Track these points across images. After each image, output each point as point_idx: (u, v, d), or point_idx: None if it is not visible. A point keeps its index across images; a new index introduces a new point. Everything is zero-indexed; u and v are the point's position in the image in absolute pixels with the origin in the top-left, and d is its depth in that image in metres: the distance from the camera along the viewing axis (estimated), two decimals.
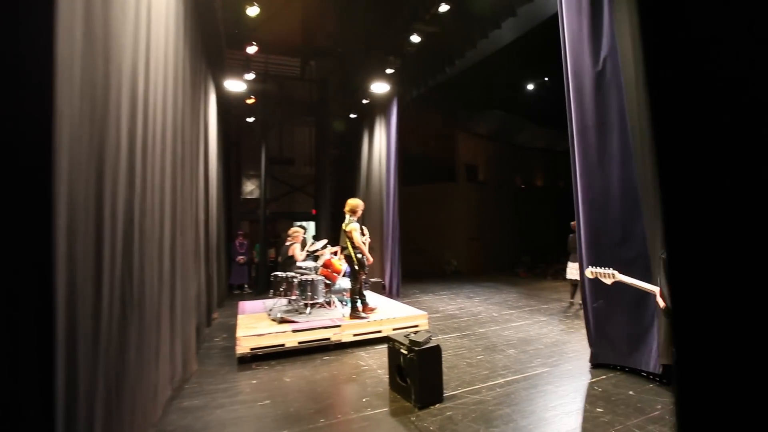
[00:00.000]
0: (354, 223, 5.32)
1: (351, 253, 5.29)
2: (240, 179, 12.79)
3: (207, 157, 6.23)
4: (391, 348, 3.69)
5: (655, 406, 3.23)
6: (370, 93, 8.93)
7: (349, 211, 5.39)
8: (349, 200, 5.49)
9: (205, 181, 6.13)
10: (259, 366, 4.41)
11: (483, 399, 3.45)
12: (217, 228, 7.94)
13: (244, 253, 9.89)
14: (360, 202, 5.47)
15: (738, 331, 0.74)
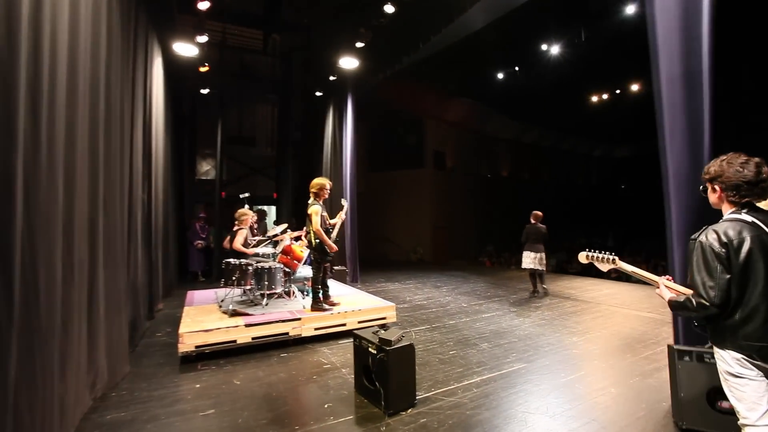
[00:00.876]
0: (316, 205, 4.77)
1: (311, 238, 4.79)
2: (194, 158, 11.76)
3: (149, 128, 5.45)
4: (357, 346, 3.27)
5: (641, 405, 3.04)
6: (338, 69, 8.30)
7: (313, 192, 4.85)
8: (314, 180, 4.94)
9: (147, 155, 5.36)
10: (206, 366, 3.85)
11: (459, 401, 3.12)
12: (164, 209, 7.14)
13: (205, 237, 9.08)
14: (326, 182, 4.92)
15: None
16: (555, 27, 10.87)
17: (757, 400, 1.68)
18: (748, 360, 1.71)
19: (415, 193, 14.24)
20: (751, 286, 1.71)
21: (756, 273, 1.70)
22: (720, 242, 1.75)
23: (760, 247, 1.70)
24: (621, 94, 14.82)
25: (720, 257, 1.73)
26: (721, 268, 1.73)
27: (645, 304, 6.42)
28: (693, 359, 2.70)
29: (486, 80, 13.56)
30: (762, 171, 1.78)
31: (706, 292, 1.73)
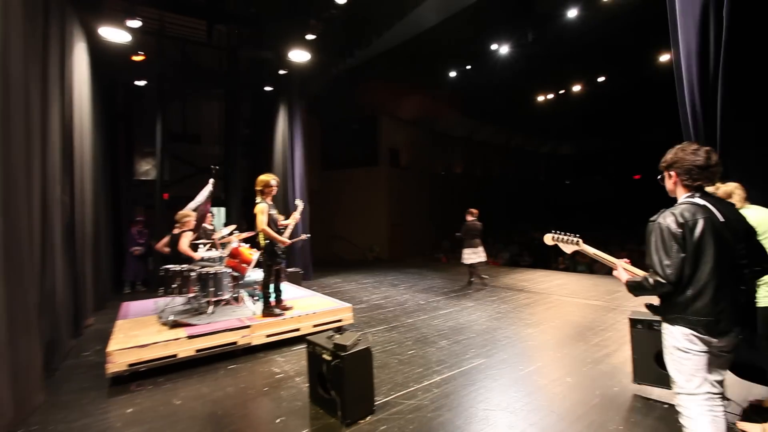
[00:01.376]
0: (262, 204, 4.42)
1: (260, 239, 4.47)
2: (132, 157, 10.82)
3: (69, 122, 4.84)
4: (311, 353, 3.06)
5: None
6: (289, 62, 7.95)
7: (258, 190, 4.50)
8: (259, 177, 4.59)
9: (68, 153, 4.76)
10: (141, 387, 3.45)
11: (420, 404, 3.01)
12: (94, 213, 6.44)
13: (143, 243, 8.30)
14: (272, 179, 4.57)
15: None
16: (504, 27, 11.16)
17: (695, 373, 1.83)
18: (695, 335, 1.82)
19: (370, 191, 14.10)
20: (702, 265, 1.80)
21: (706, 252, 1.80)
22: (677, 223, 1.84)
23: (711, 229, 1.81)
24: (565, 95, 15.57)
25: (676, 237, 1.82)
26: (677, 247, 1.82)
27: (592, 293, 6.72)
28: (644, 327, 3.13)
29: (439, 78, 13.69)
30: (711, 157, 1.89)
31: (663, 270, 1.82)
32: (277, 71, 8.85)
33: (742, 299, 1.85)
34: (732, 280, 1.82)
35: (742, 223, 1.89)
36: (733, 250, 1.82)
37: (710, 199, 1.91)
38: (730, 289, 1.81)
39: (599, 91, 14.35)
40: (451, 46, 12.06)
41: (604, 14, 9.64)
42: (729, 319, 1.79)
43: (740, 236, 1.85)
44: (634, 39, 11.39)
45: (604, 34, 11.03)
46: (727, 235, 1.82)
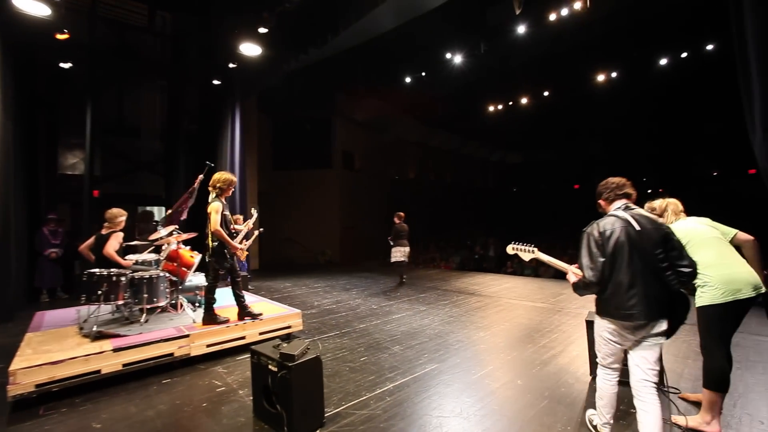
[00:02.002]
0: (216, 202, 4.03)
1: (209, 241, 4.09)
2: (55, 148, 9.71)
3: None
4: (256, 364, 2.83)
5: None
6: (239, 55, 7.55)
7: (213, 187, 4.14)
8: (218, 174, 4.22)
9: None
10: (52, 410, 3.00)
11: (372, 414, 2.88)
12: (3, 211, 5.67)
13: (59, 244, 7.41)
14: (229, 177, 4.22)
15: None
16: (458, 37, 11.46)
17: (609, 356, 2.38)
18: (615, 328, 2.25)
19: (322, 194, 13.82)
20: (618, 267, 2.18)
21: (621, 256, 2.17)
22: (598, 233, 2.24)
23: (626, 236, 2.18)
24: (513, 106, 16.30)
25: (597, 244, 2.23)
26: (598, 253, 2.22)
27: (539, 296, 6.99)
28: None
29: (395, 82, 13.77)
30: (622, 181, 2.40)
31: (587, 272, 2.23)
32: (226, 64, 8.38)
33: (660, 296, 2.14)
34: (650, 279, 2.13)
35: (658, 232, 2.19)
36: (649, 255, 2.15)
37: (632, 212, 2.26)
38: (645, 288, 2.12)
39: (544, 104, 15.18)
40: (407, 52, 12.19)
41: (550, 33, 10.19)
42: (643, 313, 2.11)
43: (657, 243, 2.16)
44: (575, 57, 12.20)
45: (550, 52, 11.70)
46: (642, 242, 2.15)
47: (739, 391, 3.21)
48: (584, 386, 3.30)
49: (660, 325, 2.16)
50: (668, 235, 2.21)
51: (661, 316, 2.16)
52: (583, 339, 4.34)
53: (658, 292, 2.14)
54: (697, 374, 3.52)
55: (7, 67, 5.82)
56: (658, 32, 11.01)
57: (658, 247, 2.15)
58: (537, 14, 9.50)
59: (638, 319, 2.13)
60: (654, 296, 2.13)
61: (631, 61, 12.46)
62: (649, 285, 2.13)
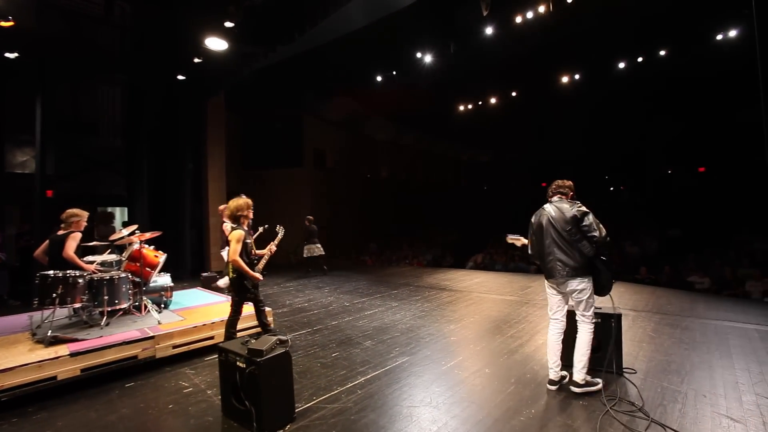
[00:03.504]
0: (240, 230, 3.63)
1: (229, 270, 3.67)
2: (2, 145, 9.09)
3: None
4: (223, 362, 2.77)
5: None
6: (204, 49, 7.35)
7: (229, 216, 3.80)
8: (234, 201, 3.82)
9: None
10: (1, 421, 2.83)
11: (344, 407, 2.89)
12: None
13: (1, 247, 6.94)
14: (246, 201, 3.85)
15: None
16: (427, 36, 11.60)
17: (554, 307, 3.22)
18: (550, 286, 3.21)
19: (294, 193, 13.64)
20: (540, 241, 3.15)
21: (541, 234, 3.14)
22: (531, 220, 3.26)
23: (546, 221, 3.11)
24: (483, 105, 16.65)
25: (531, 227, 3.27)
26: (531, 233, 3.27)
27: (507, 289, 7.20)
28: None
29: (365, 81, 13.76)
30: (561, 182, 3.27)
31: (528, 247, 3.32)
32: (191, 59, 8.11)
33: (572, 260, 2.96)
34: (565, 248, 2.99)
35: (567, 214, 3.00)
36: (561, 231, 3.00)
37: (555, 204, 3.15)
38: (558, 254, 3.01)
39: (513, 103, 15.59)
40: (377, 50, 12.22)
41: (516, 34, 10.46)
42: (557, 271, 3.02)
43: (568, 222, 2.98)
44: (540, 59, 12.61)
45: (516, 53, 12.03)
46: (556, 223, 3.03)
47: (686, 369, 3.45)
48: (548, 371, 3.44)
49: (576, 284, 2.99)
50: (575, 216, 2.96)
51: (575, 275, 2.97)
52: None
53: (570, 257, 2.97)
54: (650, 356, 3.75)
55: None
56: (616, 36, 11.54)
57: (568, 225, 2.98)
58: (504, 16, 9.75)
59: (555, 277, 3.04)
60: (565, 260, 2.98)
61: (593, 63, 13.00)
62: (563, 252, 2.99)
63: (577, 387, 3.01)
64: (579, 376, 3.01)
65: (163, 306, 4.82)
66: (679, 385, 3.15)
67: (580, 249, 2.94)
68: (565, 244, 2.97)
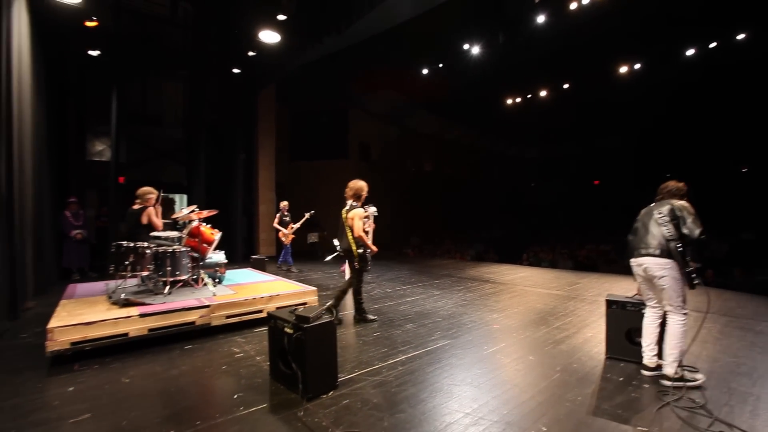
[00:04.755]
0: (359, 209, 4.33)
1: (352, 246, 4.27)
2: (84, 135, 10.08)
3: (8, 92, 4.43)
4: (272, 328, 2.94)
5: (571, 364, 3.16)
6: (258, 42, 7.70)
7: (352, 195, 4.43)
8: (350, 183, 4.54)
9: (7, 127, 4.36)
10: (85, 366, 3.19)
11: (384, 380, 2.96)
12: (37, 194, 5.94)
13: (82, 226, 7.70)
14: (363, 185, 4.51)
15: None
16: (476, 27, 11.35)
17: (646, 293, 3.18)
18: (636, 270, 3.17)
19: (339, 184, 13.86)
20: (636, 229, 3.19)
21: (640, 220, 3.18)
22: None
23: (646, 213, 3.18)
24: (532, 99, 16.03)
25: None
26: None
27: (554, 284, 6.94)
28: (618, 307, 3.46)
29: (412, 74, 13.72)
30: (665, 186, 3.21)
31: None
32: (245, 52, 8.55)
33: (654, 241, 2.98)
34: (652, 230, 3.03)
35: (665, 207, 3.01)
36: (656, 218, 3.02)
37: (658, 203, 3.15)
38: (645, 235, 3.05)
39: (563, 97, 14.88)
40: (424, 43, 12.12)
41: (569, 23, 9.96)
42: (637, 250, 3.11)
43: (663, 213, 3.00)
44: (596, 48, 11.91)
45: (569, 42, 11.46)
46: (653, 210, 3.09)
47: (759, 372, 3.17)
48: (598, 364, 3.30)
49: (657, 269, 2.93)
50: (671, 207, 2.97)
51: (653, 256, 2.94)
52: (598, 323, 4.34)
53: (653, 238, 2.98)
54: (715, 357, 3.49)
55: (39, 55, 6.09)
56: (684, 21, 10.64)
57: (662, 214, 2.99)
58: (556, 3, 9.33)
59: (635, 256, 3.10)
60: (647, 241, 3.01)
61: (654, 52, 12.07)
62: (648, 233, 3.03)
63: (668, 381, 2.86)
64: (670, 369, 2.88)
65: (217, 281, 5.15)
66: (749, 387, 2.90)
67: (665, 236, 2.91)
68: (654, 228, 2.99)
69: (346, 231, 4.34)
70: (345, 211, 4.42)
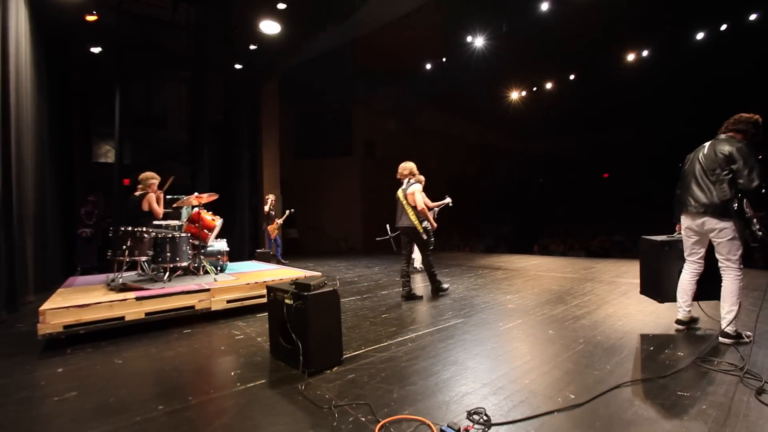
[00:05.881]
0: (417, 184, 4.52)
1: (415, 222, 4.39)
2: (89, 138, 10.09)
3: (5, 88, 4.36)
4: (272, 301, 2.75)
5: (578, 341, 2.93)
6: (259, 34, 7.61)
7: (408, 174, 4.66)
8: (401, 165, 4.78)
9: (3, 124, 4.28)
10: (79, 350, 3.03)
11: (394, 356, 2.75)
12: (38, 193, 5.87)
13: (93, 225, 7.66)
14: (413, 164, 4.78)
15: None
16: (478, 16, 11.15)
17: (689, 248, 3.03)
18: (685, 224, 2.99)
19: (344, 182, 13.80)
20: (684, 177, 3.00)
21: (687, 169, 2.98)
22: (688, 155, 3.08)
23: (694, 156, 2.94)
24: (537, 92, 15.71)
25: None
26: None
27: (569, 269, 6.67)
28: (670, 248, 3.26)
29: (415, 70, 13.56)
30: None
31: None
32: (247, 46, 8.47)
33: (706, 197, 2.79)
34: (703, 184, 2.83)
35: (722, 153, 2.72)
36: (708, 169, 2.80)
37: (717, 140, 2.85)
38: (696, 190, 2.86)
39: (570, 89, 14.56)
40: (427, 37, 11.97)
41: (575, 10, 9.71)
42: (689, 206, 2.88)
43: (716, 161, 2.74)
44: (602, 36, 11.62)
45: (575, 31, 11.20)
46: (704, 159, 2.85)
47: None
48: (624, 335, 3.05)
49: (714, 223, 2.73)
50: (730, 153, 2.67)
51: (707, 213, 2.75)
52: (619, 300, 4.10)
53: (704, 194, 2.77)
54: None
55: (41, 53, 6.03)
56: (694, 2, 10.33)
57: (715, 164, 2.75)
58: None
59: (688, 212, 2.89)
60: (698, 196, 2.81)
61: (664, 36, 11.71)
62: (699, 188, 2.82)
63: (727, 338, 2.76)
64: (731, 328, 2.75)
65: (219, 269, 4.99)
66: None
67: (719, 189, 2.68)
68: (705, 181, 2.77)
69: (406, 209, 4.50)
70: (402, 190, 4.61)
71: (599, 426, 1.77)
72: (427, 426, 1.79)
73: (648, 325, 3.33)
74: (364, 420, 1.86)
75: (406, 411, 1.93)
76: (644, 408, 1.92)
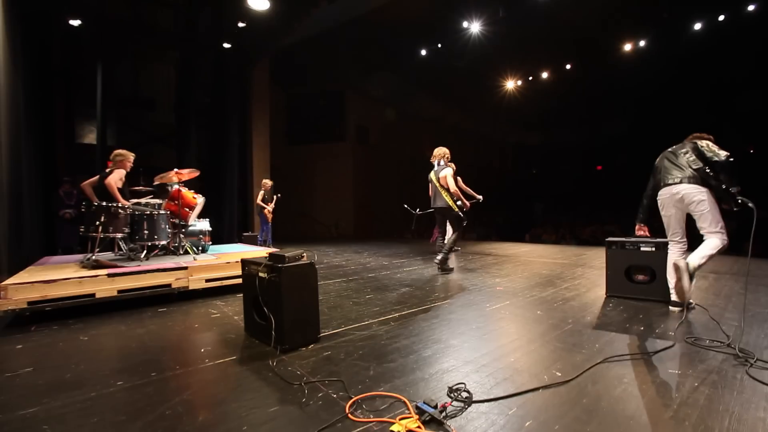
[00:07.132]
0: (448, 169, 4.84)
1: (450, 202, 4.74)
2: (72, 118, 9.77)
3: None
4: (246, 275, 2.61)
5: (567, 321, 2.82)
6: (248, 10, 7.34)
7: (441, 156, 5.01)
8: (436, 149, 5.10)
9: None
10: (44, 327, 2.87)
11: (374, 334, 2.62)
12: (13, 172, 5.62)
13: (74, 205, 7.44)
14: (447, 149, 5.11)
15: None
16: (474, 2, 10.89)
17: (672, 227, 3.12)
18: (665, 201, 3.11)
19: (336, 168, 13.59)
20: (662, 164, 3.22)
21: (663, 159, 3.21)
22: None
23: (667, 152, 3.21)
24: (533, 82, 15.49)
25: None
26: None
27: (559, 255, 6.58)
28: (618, 247, 3.55)
29: (409, 56, 13.29)
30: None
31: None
32: (235, 24, 8.18)
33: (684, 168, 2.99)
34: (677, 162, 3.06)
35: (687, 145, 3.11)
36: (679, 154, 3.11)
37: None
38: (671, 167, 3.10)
39: (565, 80, 14.38)
40: (421, 20, 11.70)
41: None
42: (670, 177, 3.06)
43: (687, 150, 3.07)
44: (599, 26, 11.43)
45: (572, 19, 11.00)
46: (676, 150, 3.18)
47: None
48: (615, 315, 2.96)
49: (694, 193, 2.86)
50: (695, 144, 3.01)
51: (686, 181, 2.92)
52: None
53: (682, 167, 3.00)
54: (746, 308, 3.13)
55: (16, 24, 5.73)
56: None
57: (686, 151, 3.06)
58: None
59: (668, 182, 3.05)
60: (676, 173, 3.02)
61: (661, 26, 11.54)
62: (674, 165, 3.07)
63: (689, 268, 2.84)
64: (694, 261, 2.83)
65: (201, 250, 4.83)
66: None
67: (693, 162, 2.94)
68: (677, 161, 3.03)
69: (440, 191, 4.84)
70: (434, 173, 4.95)
71: (586, 403, 1.66)
72: (402, 402, 1.67)
73: (639, 306, 3.23)
74: (336, 396, 1.74)
75: (381, 388, 1.81)
76: (634, 386, 1.82)
